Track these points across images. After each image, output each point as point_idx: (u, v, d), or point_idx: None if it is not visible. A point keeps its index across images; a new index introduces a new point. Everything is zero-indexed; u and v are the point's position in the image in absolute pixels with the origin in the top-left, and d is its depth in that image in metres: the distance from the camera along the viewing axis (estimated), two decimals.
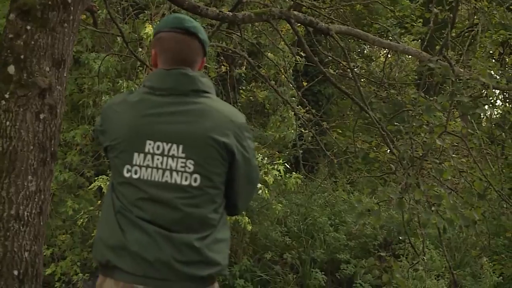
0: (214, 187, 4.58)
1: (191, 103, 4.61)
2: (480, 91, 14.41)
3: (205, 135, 4.52)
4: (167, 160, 4.49)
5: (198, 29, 4.84)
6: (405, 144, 12.75)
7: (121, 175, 4.56)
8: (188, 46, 4.79)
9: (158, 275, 4.40)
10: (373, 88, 15.66)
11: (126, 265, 4.42)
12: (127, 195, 4.56)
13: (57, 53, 7.16)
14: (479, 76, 12.77)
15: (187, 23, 4.81)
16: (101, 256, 4.52)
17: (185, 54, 4.78)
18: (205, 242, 4.51)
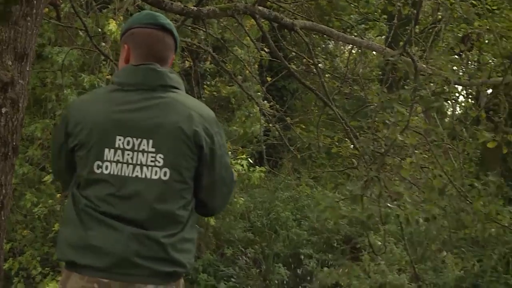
0: (183, 182, 4.58)
1: (159, 97, 4.61)
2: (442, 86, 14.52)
3: (174, 128, 4.52)
4: (138, 155, 4.50)
5: (172, 26, 4.88)
6: (367, 139, 12.86)
7: (90, 171, 4.53)
8: (163, 42, 4.82)
9: (122, 270, 4.38)
10: (337, 84, 15.73)
11: (91, 261, 4.39)
12: (96, 191, 4.53)
13: (20, 47, 7.13)
14: (441, 71, 12.93)
15: (162, 20, 4.86)
16: (64, 256, 4.52)
17: (159, 50, 4.80)
18: (172, 240, 4.51)
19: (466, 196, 13.46)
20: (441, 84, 14.22)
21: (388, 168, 13.56)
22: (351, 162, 15.50)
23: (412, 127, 13.35)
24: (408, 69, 13.20)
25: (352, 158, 15.17)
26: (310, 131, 19.07)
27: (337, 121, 14.10)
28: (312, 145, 18.72)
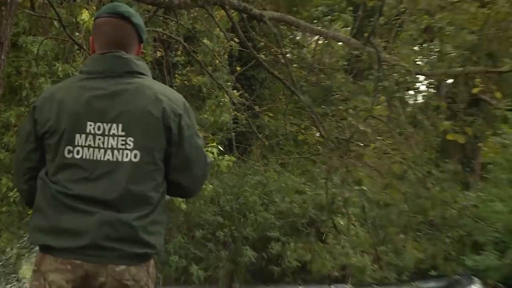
0: (153, 163, 4.61)
1: (127, 83, 4.67)
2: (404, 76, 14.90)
3: (143, 112, 4.58)
4: (108, 139, 4.54)
5: (131, 14, 4.91)
6: (331, 127, 13.29)
7: (61, 156, 4.57)
8: (121, 30, 4.86)
9: (95, 252, 4.44)
10: (304, 73, 15.93)
11: (64, 244, 4.45)
12: (68, 175, 4.56)
13: None
14: (403, 62, 13.34)
15: (120, 8, 4.92)
16: (38, 241, 4.61)
17: (118, 37, 4.85)
18: (143, 222, 4.55)
19: (425, 182, 13.78)
20: (403, 74, 14.65)
21: (352, 155, 13.87)
22: (317, 148, 15.86)
23: (375, 115, 13.79)
24: (372, 60, 13.62)
25: (318, 145, 15.53)
26: (278, 119, 19.15)
27: (304, 109, 14.40)
28: (280, 132, 19.01)
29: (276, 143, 20.17)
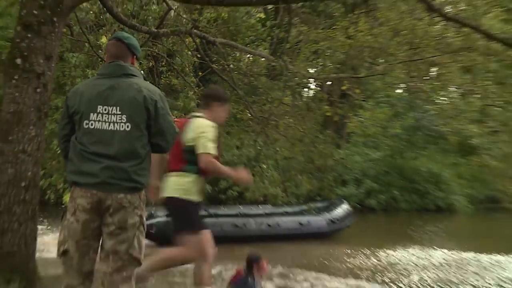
0: (139, 131, 4.71)
1: (122, 81, 4.77)
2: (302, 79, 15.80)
3: (131, 99, 4.70)
4: (110, 117, 4.69)
5: (125, 37, 5.03)
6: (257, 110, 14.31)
7: (82, 127, 4.71)
8: (118, 48, 4.93)
9: (103, 186, 4.59)
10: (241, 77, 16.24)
11: (85, 181, 4.62)
12: (86, 139, 4.68)
13: (48, 52, 7.67)
14: (301, 70, 14.22)
15: (118, 35, 5.08)
16: (71, 179, 4.74)
17: (115, 52, 4.91)
18: (134, 168, 4.67)
19: (314, 143, 14.71)
20: (301, 78, 15.58)
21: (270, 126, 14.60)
22: (248, 123, 16.49)
23: (284, 102, 14.79)
24: (282, 69, 14.58)
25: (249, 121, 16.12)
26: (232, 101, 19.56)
27: (241, 99, 14.98)
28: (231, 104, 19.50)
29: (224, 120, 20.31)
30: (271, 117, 14.36)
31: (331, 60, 16.40)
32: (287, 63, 14.70)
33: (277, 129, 14.44)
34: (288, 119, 14.38)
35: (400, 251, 14.20)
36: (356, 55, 15.32)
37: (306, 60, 18.42)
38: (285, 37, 16.93)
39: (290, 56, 16.71)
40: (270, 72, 17.19)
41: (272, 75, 16.78)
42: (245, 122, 16.84)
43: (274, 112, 14.58)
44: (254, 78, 16.16)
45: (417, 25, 10.90)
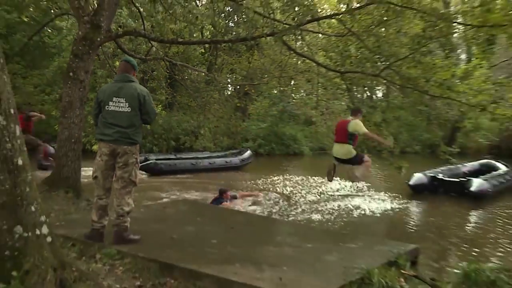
0: (135, 112, 4.51)
1: (127, 84, 4.54)
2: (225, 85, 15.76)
3: (132, 94, 4.49)
4: (120, 104, 4.48)
5: (130, 60, 4.76)
6: (201, 101, 14.29)
7: (105, 109, 4.53)
8: (125, 66, 4.68)
9: (115, 141, 4.46)
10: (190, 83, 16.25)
11: (106, 138, 4.48)
12: (107, 116, 4.51)
13: (86, 69, 7.69)
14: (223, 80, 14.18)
15: (126, 58, 4.82)
16: (97, 137, 4.56)
17: (124, 68, 4.67)
18: (133, 132, 4.53)
19: (230, 119, 14.71)
20: (224, 85, 15.49)
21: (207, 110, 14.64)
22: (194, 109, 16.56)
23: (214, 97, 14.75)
24: (212, 79, 14.47)
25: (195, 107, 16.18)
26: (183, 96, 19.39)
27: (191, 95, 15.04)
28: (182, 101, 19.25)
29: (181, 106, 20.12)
30: (207, 105, 14.50)
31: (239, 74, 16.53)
32: (216, 76, 14.83)
33: (210, 111, 14.54)
34: (216, 106, 14.49)
35: (278, 176, 14.48)
36: (252, 72, 15.48)
37: (226, 74, 18.56)
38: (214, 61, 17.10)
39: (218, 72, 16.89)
40: (207, 80, 17.20)
41: (208, 82, 16.80)
42: (193, 107, 16.88)
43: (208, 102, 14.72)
44: (197, 83, 16.21)
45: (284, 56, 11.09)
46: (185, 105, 18.91)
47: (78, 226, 4.99)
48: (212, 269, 3.86)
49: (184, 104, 18.96)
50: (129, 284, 3.71)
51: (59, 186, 7.32)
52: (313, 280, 3.72)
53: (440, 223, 8.75)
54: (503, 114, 7.94)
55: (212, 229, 5.51)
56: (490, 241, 7.48)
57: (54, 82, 17.99)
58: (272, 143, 23.80)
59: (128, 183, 4.58)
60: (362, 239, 5.61)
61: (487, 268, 4.22)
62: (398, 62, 8.35)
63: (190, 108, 18.11)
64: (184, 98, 18.55)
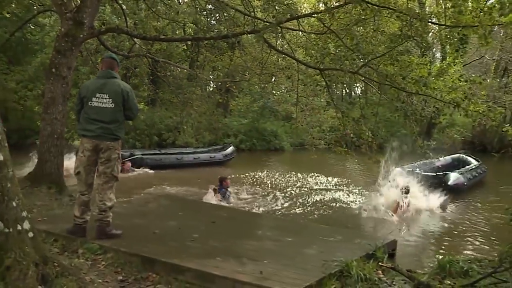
0: (118, 107, 4.47)
1: (110, 80, 4.49)
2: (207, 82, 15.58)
3: (115, 90, 4.44)
4: (103, 99, 4.43)
5: (113, 56, 4.76)
6: (182, 97, 14.13)
7: (87, 105, 4.47)
8: (110, 62, 4.64)
9: (98, 137, 4.42)
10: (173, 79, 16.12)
11: (88, 134, 4.43)
12: (89, 111, 4.46)
13: (69, 65, 7.50)
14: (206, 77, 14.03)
15: (109, 55, 4.87)
16: (80, 133, 4.55)
17: (109, 65, 4.62)
18: (116, 127, 4.48)
19: (212, 115, 14.57)
20: (206, 82, 15.34)
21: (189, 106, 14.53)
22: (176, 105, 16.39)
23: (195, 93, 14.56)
24: (194, 77, 14.36)
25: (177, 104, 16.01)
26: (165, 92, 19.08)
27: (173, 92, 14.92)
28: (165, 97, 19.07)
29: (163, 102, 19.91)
30: (189, 101, 14.36)
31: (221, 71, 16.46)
32: (198, 72, 14.73)
33: (192, 107, 14.41)
34: (198, 102, 14.38)
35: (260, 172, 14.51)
36: (234, 69, 15.44)
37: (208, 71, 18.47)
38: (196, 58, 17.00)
39: (200, 69, 16.79)
40: (189, 77, 17.07)
41: (190, 79, 16.66)
42: (175, 104, 16.76)
43: (191, 98, 14.58)
44: (180, 80, 16.10)
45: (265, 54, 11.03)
46: (168, 101, 18.74)
47: (60, 222, 4.96)
48: (194, 263, 3.85)
49: (167, 100, 18.79)
50: (111, 279, 3.69)
51: (42, 182, 7.19)
52: (293, 273, 3.74)
53: (416, 216, 8.85)
54: (476, 111, 8.06)
55: (194, 224, 5.51)
56: (465, 233, 7.60)
57: (37, 78, 17.64)
58: (253, 138, 23.79)
59: (110, 179, 4.55)
60: (341, 233, 5.68)
61: (461, 259, 4.36)
62: (375, 60, 8.41)
63: (173, 104, 17.97)
64: (166, 95, 18.39)
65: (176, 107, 17.28)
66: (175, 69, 17.51)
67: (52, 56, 7.69)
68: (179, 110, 16.29)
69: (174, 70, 17.58)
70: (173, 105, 18.45)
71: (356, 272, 3.81)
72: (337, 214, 8.81)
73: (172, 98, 17.11)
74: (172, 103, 18.20)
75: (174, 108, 18.23)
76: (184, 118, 16.23)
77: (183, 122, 16.40)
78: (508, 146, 22.31)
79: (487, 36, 7.05)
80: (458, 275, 3.99)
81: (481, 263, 4.43)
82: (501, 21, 6.98)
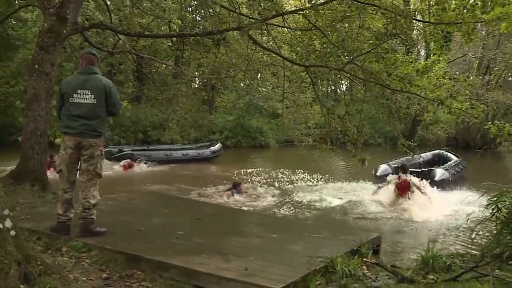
0: (101, 103, 4.44)
1: (92, 77, 4.45)
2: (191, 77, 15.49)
3: (97, 86, 4.42)
4: (85, 95, 4.39)
5: (93, 53, 4.71)
6: (168, 93, 14.06)
7: (69, 101, 4.42)
8: (90, 58, 4.58)
9: (80, 134, 4.39)
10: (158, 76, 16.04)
11: (70, 131, 4.39)
12: (71, 107, 4.42)
13: (52, 61, 7.45)
14: (190, 73, 13.96)
15: (90, 51, 4.83)
16: (62, 130, 4.49)
17: (89, 61, 4.57)
18: (98, 124, 4.47)
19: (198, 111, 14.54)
20: (190, 77, 15.25)
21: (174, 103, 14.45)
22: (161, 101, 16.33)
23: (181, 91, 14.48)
24: (178, 72, 14.29)
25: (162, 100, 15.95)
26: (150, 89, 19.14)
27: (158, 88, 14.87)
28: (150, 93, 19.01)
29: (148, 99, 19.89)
30: (174, 97, 14.30)
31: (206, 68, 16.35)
32: (183, 69, 14.66)
33: (177, 104, 14.34)
34: (183, 99, 14.31)
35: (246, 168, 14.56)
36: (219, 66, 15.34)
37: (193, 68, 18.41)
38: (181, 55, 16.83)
39: (185, 65, 16.70)
40: (174, 74, 17.00)
41: (175, 75, 16.61)
42: (160, 100, 16.72)
43: (176, 95, 14.52)
44: (165, 76, 16.08)
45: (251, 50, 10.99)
46: (153, 98, 18.68)
47: (44, 219, 4.90)
48: (179, 260, 3.84)
49: (152, 97, 18.71)
50: (95, 276, 3.66)
51: (25, 180, 7.10)
52: (278, 269, 3.74)
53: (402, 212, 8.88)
54: (459, 108, 8.16)
55: (179, 221, 5.51)
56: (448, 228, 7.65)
57: (19, 74, 17.47)
58: (239, 135, 23.84)
59: (93, 176, 4.51)
60: (326, 229, 5.70)
61: (444, 254, 4.41)
62: (361, 57, 8.45)
63: (158, 101, 17.92)
64: (151, 91, 18.31)
65: (161, 104, 17.24)
66: (160, 65, 17.45)
67: (35, 52, 7.60)
68: (165, 107, 16.30)
69: (159, 66, 17.53)
70: (158, 102, 18.42)
71: (340, 268, 3.83)
72: (322, 211, 8.84)
73: (157, 95, 17.06)
74: (157, 100, 18.16)
75: (159, 105, 18.23)
76: (170, 115, 16.20)
77: (168, 119, 16.34)
78: (490, 143, 23.00)
79: (470, 33, 7.18)
80: (441, 270, 4.02)
81: (464, 258, 4.48)
82: (484, 18, 7.09)
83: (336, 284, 3.73)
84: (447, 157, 15.00)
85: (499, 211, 4.10)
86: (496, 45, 23.67)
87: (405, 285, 3.66)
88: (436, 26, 8.06)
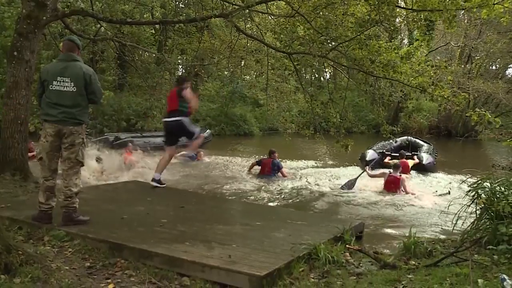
0: (81, 91, 4.41)
1: (71, 63, 4.42)
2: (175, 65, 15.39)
3: (77, 73, 4.39)
4: (65, 83, 4.37)
5: (74, 39, 4.63)
6: (151, 80, 13.94)
7: (48, 89, 4.40)
8: (69, 45, 4.52)
9: (61, 122, 4.37)
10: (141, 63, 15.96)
11: (50, 119, 4.37)
12: (51, 95, 4.39)
13: (32, 48, 7.31)
14: (174, 61, 13.83)
15: (70, 37, 4.69)
16: (42, 118, 4.48)
17: (69, 47, 4.52)
18: (78, 112, 4.44)
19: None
20: (175, 65, 15.17)
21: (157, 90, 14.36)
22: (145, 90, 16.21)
23: (165, 77, 14.40)
24: (164, 61, 14.17)
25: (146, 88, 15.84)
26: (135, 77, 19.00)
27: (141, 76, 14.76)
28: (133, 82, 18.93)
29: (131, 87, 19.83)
30: (157, 85, 14.24)
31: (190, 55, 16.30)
32: (166, 57, 14.54)
33: (161, 92, 14.28)
34: (167, 87, 14.24)
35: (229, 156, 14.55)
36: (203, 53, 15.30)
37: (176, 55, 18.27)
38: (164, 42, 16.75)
39: (168, 53, 16.56)
40: (157, 61, 16.89)
41: (158, 63, 16.50)
42: (143, 88, 16.61)
43: (159, 83, 14.46)
44: (148, 64, 15.92)
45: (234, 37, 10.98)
46: (136, 86, 18.54)
47: (25, 208, 4.88)
48: (162, 248, 3.84)
49: (135, 85, 18.59)
50: (78, 266, 3.64)
51: (5, 169, 7.01)
52: (262, 256, 3.77)
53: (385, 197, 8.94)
54: (441, 95, 8.24)
55: (162, 209, 5.53)
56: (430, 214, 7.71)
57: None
58: (222, 123, 23.82)
59: (75, 164, 4.49)
60: (309, 216, 5.78)
61: (425, 240, 4.49)
62: (344, 44, 8.47)
63: (141, 89, 17.77)
64: (134, 79, 18.20)
65: (144, 91, 17.12)
66: (143, 53, 17.29)
67: (14, 39, 7.45)
68: (148, 94, 16.17)
69: (142, 54, 17.36)
70: (141, 89, 18.29)
71: (324, 254, 3.87)
72: (305, 198, 8.84)
73: (140, 83, 16.96)
74: (141, 88, 18.03)
75: (143, 93, 18.08)
76: (153, 103, 16.09)
77: (152, 107, 16.23)
78: (471, 131, 23.41)
79: (452, 20, 7.25)
80: (422, 256, 4.09)
81: (445, 244, 4.56)
82: (465, 6, 7.15)
83: (319, 270, 3.77)
84: (415, 143, 15.35)
85: (479, 197, 4.22)
86: (478, 35, 23.91)
87: (387, 271, 3.71)
88: (418, 13, 8.11)
